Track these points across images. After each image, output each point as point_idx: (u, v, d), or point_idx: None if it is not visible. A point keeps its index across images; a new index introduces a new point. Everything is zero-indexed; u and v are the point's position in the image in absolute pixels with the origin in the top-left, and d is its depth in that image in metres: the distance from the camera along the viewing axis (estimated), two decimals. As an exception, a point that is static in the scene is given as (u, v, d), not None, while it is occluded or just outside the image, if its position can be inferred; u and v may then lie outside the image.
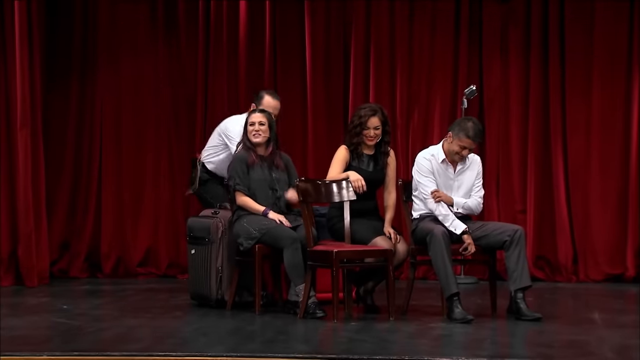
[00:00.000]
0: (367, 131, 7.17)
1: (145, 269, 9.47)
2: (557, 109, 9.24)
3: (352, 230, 7.05)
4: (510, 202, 9.31)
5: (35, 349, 5.71)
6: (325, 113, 9.42)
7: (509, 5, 9.30)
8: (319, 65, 9.43)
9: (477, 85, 9.10)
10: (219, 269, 7.34)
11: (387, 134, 7.25)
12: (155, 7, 9.52)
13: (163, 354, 5.55)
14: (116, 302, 7.80)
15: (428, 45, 9.38)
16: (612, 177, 9.21)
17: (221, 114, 9.43)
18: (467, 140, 6.90)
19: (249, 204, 7.17)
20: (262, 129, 7.25)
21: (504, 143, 9.32)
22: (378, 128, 7.19)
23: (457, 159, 6.97)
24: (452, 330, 6.43)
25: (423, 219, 6.98)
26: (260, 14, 9.46)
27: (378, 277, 7.16)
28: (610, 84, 9.21)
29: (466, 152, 6.94)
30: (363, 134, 7.18)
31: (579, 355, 5.64)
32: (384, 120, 7.22)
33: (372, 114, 7.19)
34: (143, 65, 9.49)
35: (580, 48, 9.22)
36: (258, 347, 5.88)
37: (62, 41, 9.47)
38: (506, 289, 6.97)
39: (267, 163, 7.26)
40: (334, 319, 6.68)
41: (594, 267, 9.19)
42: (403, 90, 9.36)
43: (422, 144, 8.85)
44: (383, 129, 7.21)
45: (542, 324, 6.64)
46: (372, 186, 7.23)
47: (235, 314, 7.10)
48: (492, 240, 6.90)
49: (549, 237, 9.27)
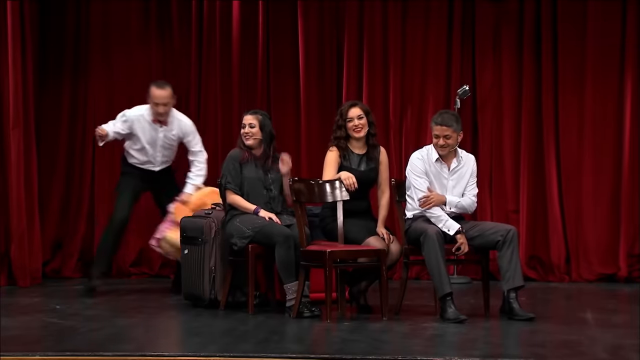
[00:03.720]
0: (351, 123, 7.19)
1: (138, 269, 9.47)
2: (550, 108, 9.25)
3: (345, 230, 7.05)
4: (503, 201, 9.32)
5: (28, 349, 5.69)
6: (319, 113, 9.41)
7: (501, 4, 9.31)
8: (312, 65, 9.43)
9: (470, 85, 9.11)
10: (212, 269, 7.34)
11: (371, 124, 7.25)
12: (148, 6, 9.52)
13: (156, 354, 5.54)
14: (109, 302, 7.79)
15: (421, 45, 9.39)
16: (605, 176, 9.23)
17: (214, 113, 9.46)
18: (437, 127, 6.92)
19: (239, 203, 7.17)
20: (252, 131, 7.25)
21: (497, 142, 9.33)
22: (361, 117, 7.20)
23: (441, 152, 6.97)
24: (445, 330, 6.43)
25: (416, 219, 6.98)
26: (253, 13, 9.46)
27: (371, 277, 7.17)
28: (602, 82, 9.23)
29: (442, 141, 6.92)
30: (347, 127, 7.19)
31: (571, 355, 5.65)
32: (366, 110, 7.23)
33: (351, 105, 7.26)
34: (136, 64, 9.49)
35: (572, 47, 9.23)
36: (251, 347, 5.87)
37: (54, 40, 9.47)
38: (499, 289, 6.98)
39: (261, 163, 7.26)
40: (327, 319, 6.68)
41: (586, 267, 9.21)
42: (396, 90, 9.37)
43: (415, 143, 8.87)
44: (368, 120, 7.22)
45: (534, 323, 6.65)
46: (365, 186, 7.23)
47: (228, 314, 7.09)
48: (485, 240, 6.90)
49: (542, 236, 9.28)
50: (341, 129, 7.24)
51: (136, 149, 8.21)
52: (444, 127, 6.91)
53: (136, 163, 8.25)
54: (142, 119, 8.13)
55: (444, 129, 6.91)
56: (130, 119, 8.14)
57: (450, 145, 6.95)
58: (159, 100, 8.04)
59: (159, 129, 8.14)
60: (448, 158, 7.03)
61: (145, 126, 8.14)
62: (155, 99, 8.03)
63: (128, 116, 8.15)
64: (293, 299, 6.87)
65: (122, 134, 8.18)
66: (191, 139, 8.23)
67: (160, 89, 8.06)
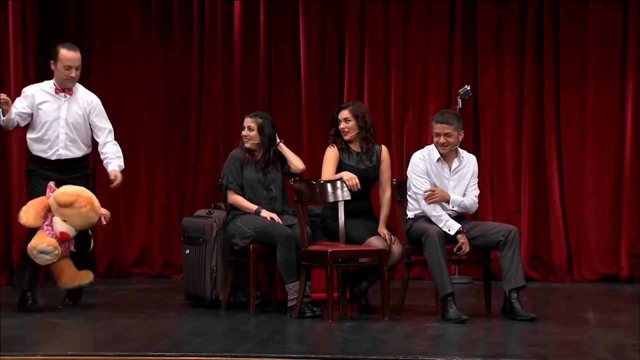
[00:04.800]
0: (340, 125, 7.25)
1: (140, 269, 9.47)
2: (552, 108, 9.25)
3: (346, 230, 7.05)
4: (504, 201, 9.31)
5: (29, 349, 5.69)
6: (320, 113, 9.41)
7: (503, 5, 9.30)
8: (313, 64, 9.42)
9: (472, 85, 9.10)
10: (214, 269, 7.34)
11: (362, 129, 7.26)
12: (150, 6, 9.51)
13: (157, 354, 5.53)
14: (110, 302, 7.79)
15: (422, 44, 9.38)
16: (607, 176, 9.22)
17: (215, 113, 9.45)
18: (438, 125, 6.94)
19: (240, 203, 7.17)
20: (251, 135, 7.24)
21: (499, 142, 9.33)
22: (348, 120, 7.23)
23: (442, 150, 6.97)
24: (447, 330, 6.43)
25: (418, 219, 6.98)
26: (254, 13, 9.46)
27: (372, 277, 7.16)
28: (604, 83, 9.22)
29: (443, 139, 6.93)
30: (339, 128, 7.25)
31: (573, 355, 5.64)
32: (356, 115, 7.24)
33: (343, 108, 7.31)
34: (137, 64, 9.48)
35: (574, 47, 9.22)
36: (252, 347, 5.87)
37: (55, 39, 9.37)
38: (501, 289, 6.98)
39: (261, 165, 7.25)
40: (329, 319, 6.67)
41: (588, 267, 9.20)
42: (397, 89, 9.36)
43: (416, 143, 8.86)
44: (358, 124, 7.22)
45: (536, 323, 6.65)
46: (366, 185, 7.23)
47: (229, 314, 7.09)
48: (486, 240, 6.90)
49: (544, 236, 9.28)
50: (335, 127, 7.30)
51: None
52: (444, 125, 6.91)
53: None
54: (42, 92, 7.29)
55: (444, 127, 6.91)
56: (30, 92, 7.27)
57: (451, 143, 6.95)
58: (72, 63, 7.20)
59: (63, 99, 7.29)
60: (449, 158, 7.03)
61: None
62: (68, 61, 7.19)
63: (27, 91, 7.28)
64: (294, 299, 6.87)
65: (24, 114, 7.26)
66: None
67: (73, 50, 7.24)
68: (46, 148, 7.25)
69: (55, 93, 7.28)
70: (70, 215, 6.98)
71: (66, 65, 7.20)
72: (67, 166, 7.28)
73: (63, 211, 6.96)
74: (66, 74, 7.22)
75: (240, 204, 7.17)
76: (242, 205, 7.16)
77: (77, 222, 7.03)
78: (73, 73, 7.22)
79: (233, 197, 7.19)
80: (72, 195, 6.99)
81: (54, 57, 7.26)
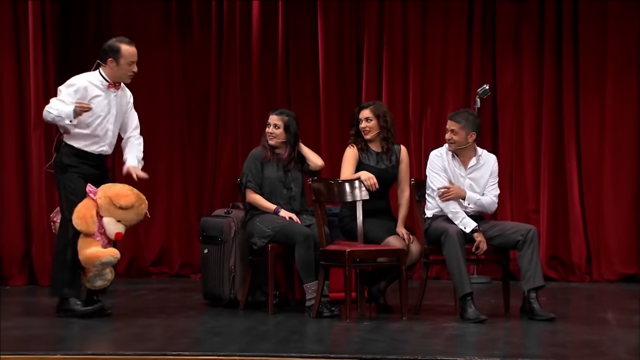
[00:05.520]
0: (360, 124, 7.24)
1: (159, 269, 9.49)
2: (571, 108, 9.22)
3: (364, 229, 7.05)
4: (523, 201, 9.29)
5: (49, 348, 5.72)
6: (338, 112, 9.41)
7: (522, 4, 9.28)
8: (331, 64, 9.43)
9: (490, 85, 9.09)
10: (232, 269, 7.35)
11: (382, 129, 7.25)
12: (169, 6, 9.54)
13: (176, 353, 5.55)
14: (129, 302, 7.81)
15: (441, 44, 9.37)
16: (626, 176, 9.19)
17: (234, 112, 9.47)
18: (448, 122, 7.00)
19: (259, 202, 7.18)
20: (277, 133, 7.24)
21: (517, 142, 9.31)
22: (370, 120, 7.22)
23: (449, 147, 6.98)
24: (465, 330, 6.42)
25: (436, 219, 6.97)
26: (273, 13, 9.47)
27: (390, 276, 7.16)
28: (623, 82, 9.18)
29: (449, 135, 6.96)
30: (360, 128, 7.25)
31: (592, 356, 5.63)
32: (377, 114, 7.23)
33: (364, 107, 7.30)
34: (156, 63, 9.50)
35: (593, 46, 9.19)
36: (271, 346, 5.88)
37: (75, 40, 9.50)
38: (519, 289, 6.96)
39: (284, 163, 7.25)
40: (347, 318, 6.67)
41: (607, 267, 9.17)
42: (416, 89, 9.36)
43: (434, 143, 8.84)
44: (379, 123, 7.22)
45: (555, 324, 6.63)
46: (384, 184, 7.23)
47: (248, 313, 7.10)
48: (505, 240, 6.89)
49: (563, 236, 9.25)
50: (355, 127, 7.29)
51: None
52: (451, 122, 6.97)
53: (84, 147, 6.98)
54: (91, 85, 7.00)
55: (451, 124, 6.95)
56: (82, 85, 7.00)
57: (457, 141, 6.95)
58: (135, 57, 6.98)
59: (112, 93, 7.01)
60: (466, 156, 7.02)
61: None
62: (132, 56, 6.95)
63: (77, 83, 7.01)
64: (313, 298, 6.88)
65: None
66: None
67: (132, 45, 6.99)
68: (91, 143, 6.94)
69: (107, 88, 6.97)
70: (126, 214, 6.81)
71: (130, 61, 6.94)
72: (103, 162, 7.08)
73: (120, 212, 6.80)
74: (130, 69, 6.96)
75: (259, 203, 7.18)
76: (260, 204, 7.17)
77: (132, 220, 6.85)
78: (135, 68, 6.98)
79: (252, 195, 7.20)
80: (131, 196, 6.83)
81: (114, 55, 6.94)
